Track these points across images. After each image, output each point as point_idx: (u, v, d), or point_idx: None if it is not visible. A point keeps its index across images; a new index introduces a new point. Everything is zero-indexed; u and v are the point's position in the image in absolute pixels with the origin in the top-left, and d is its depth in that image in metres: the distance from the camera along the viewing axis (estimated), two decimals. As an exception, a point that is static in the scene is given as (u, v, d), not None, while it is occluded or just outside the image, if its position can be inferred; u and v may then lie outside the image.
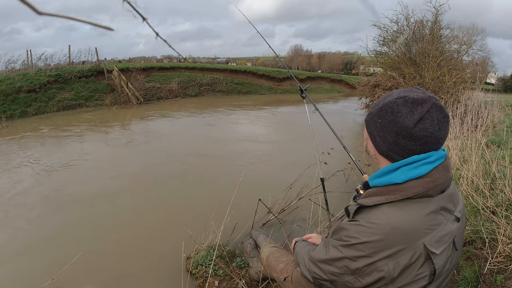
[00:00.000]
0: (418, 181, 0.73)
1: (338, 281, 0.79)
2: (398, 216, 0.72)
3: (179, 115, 9.12)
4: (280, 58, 2.57)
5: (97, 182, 3.72)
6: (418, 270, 0.73)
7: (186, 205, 3.08)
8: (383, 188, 0.77)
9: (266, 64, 45.13)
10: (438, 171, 0.74)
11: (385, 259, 0.71)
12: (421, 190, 0.72)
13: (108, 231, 2.58)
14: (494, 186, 2.27)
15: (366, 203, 0.76)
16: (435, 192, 0.74)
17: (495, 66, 27.47)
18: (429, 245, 0.72)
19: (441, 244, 0.74)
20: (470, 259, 1.68)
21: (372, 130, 0.81)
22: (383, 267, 0.72)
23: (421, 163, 0.73)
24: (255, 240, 1.92)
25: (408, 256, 0.71)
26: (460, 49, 8.10)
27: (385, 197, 0.75)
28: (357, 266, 0.74)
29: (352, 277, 0.76)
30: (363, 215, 0.77)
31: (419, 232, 0.72)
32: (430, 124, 0.71)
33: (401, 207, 0.73)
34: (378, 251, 0.71)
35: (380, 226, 0.72)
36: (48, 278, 1.79)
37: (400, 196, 0.73)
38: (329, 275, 0.80)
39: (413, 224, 0.72)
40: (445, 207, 0.77)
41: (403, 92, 0.77)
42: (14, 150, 5.19)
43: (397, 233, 0.71)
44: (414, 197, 0.73)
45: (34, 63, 11.72)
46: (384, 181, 0.77)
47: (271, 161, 4.66)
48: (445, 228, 0.76)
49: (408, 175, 0.73)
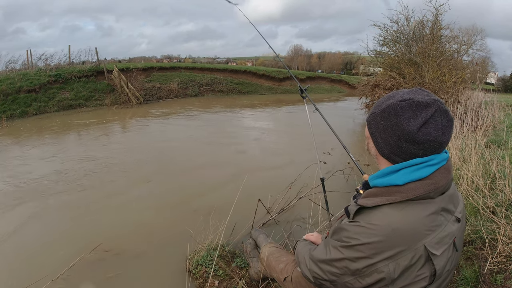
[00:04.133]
0: (419, 183, 0.73)
1: (338, 282, 0.78)
2: (399, 217, 0.72)
3: (179, 115, 9.11)
4: (280, 58, 2.57)
5: (96, 179, 3.73)
6: (419, 271, 0.73)
7: (186, 205, 3.08)
8: (384, 188, 0.76)
9: (266, 64, 45.08)
10: (440, 173, 0.74)
11: (385, 260, 0.71)
12: (422, 192, 0.72)
13: (107, 230, 2.58)
14: (494, 186, 2.27)
15: (367, 204, 0.76)
16: (436, 193, 0.74)
17: (495, 66, 27.47)
18: (429, 247, 0.72)
19: (441, 245, 0.74)
20: (470, 259, 1.68)
21: (374, 131, 0.81)
22: (383, 268, 0.71)
23: (423, 166, 0.73)
24: (255, 240, 1.91)
25: (409, 258, 0.71)
26: (460, 49, 8.11)
27: (386, 198, 0.74)
28: (357, 267, 0.74)
29: (352, 278, 0.75)
30: (364, 216, 0.76)
31: (419, 233, 0.71)
32: (434, 128, 0.70)
33: (402, 209, 0.72)
34: (379, 252, 0.71)
35: (380, 227, 0.72)
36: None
37: (400, 198, 0.73)
38: (329, 275, 0.80)
39: (413, 225, 0.71)
40: (446, 208, 0.76)
41: (407, 94, 0.75)
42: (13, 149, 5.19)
43: (398, 235, 0.70)
44: (415, 199, 0.72)
45: (34, 63, 11.74)
46: (385, 182, 0.77)
47: (271, 160, 4.66)
48: (446, 229, 0.75)
49: (410, 177, 0.73)
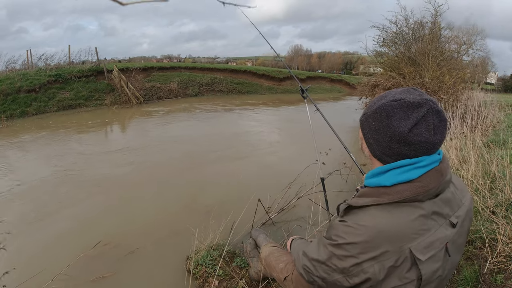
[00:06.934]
0: (407, 185, 0.72)
1: (329, 279, 0.79)
2: (386, 219, 0.71)
3: (179, 114, 9.11)
4: (280, 58, 2.57)
5: (96, 179, 3.74)
6: (406, 273, 0.72)
7: (185, 205, 3.08)
8: (373, 189, 0.77)
9: (266, 64, 45.05)
10: (430, 176, 0.73)
11: (370, 261, 0.71)
12: (409, 194, 0.71)
13: (106, 229, 2.58)
14: (494, 186, 2.27)
15: (355, 203, 0.76)
16: (426, 196, 0.73)
17: (495, 66, 27.50)
18: (415, 250, 0.70)
19: (429, 250, 0.72)
20: (470, 259, 1.68)
21: (366, 131, 0.81)
22: (369, 269, 0.72)
23: (412, 167, 0.72)
24: (255, 240, 1.92)
25: (393, 260, 0.71)
26: (460, 49, 8.12)
27: (373, 199, 0.74)
28: (345, 266, 0.74)
29: (341, 276, 0.76)
30: (352, 215, 0.77)
31: (405, 236, 0.70)
32: (425, 129, 0.69)
33: (389, 211, 0.72)
34: (364, 252, 0.71)
35: (366, 228, 0.72)
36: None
37: (387, 200, 0.72)
38: (320, 272, 0.81)
39: (399, 228, 0.71)
40: (438, 211, 0.75)
41: (399, 94, 0.74)
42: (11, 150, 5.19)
43: (383, 236, 0.70)
44: (402, 201, 0.72)
45: (34, 63, 11.73)
46: (374, 182, 0.77)
47: (271, 160, 4.67)
48: (436, 233, 0.74)
49: (397, 178, 0.73)
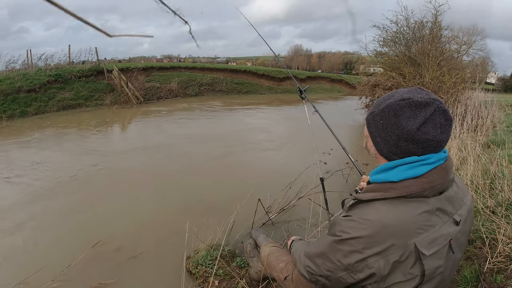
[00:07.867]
0: (413, 181, 0.73)
1: (332, 277, 0.79)
2: (391, 213, 0.72)
3: (179, 114, 9.11)
4: (280, 58, 2.57)
5: (95, 178, 3.73)
6: (410, 269, 0.73)
7: (185, 205, 3.07)
8: (380, 185, 0.78)
9: (266, 64, 45.02)
10: (436, 173, 0.74)
11: (375, 256, 0.72)
12: (416, 190, 0.73)
13: (106, 229, 2.58)
14: (494, 186, 2.27)
15: (362, 197, 0.78)
16: (431, 193, 0.74)
17: (495, 66, 27.50)
18: (419, 246, 0.72)
19: (434, 246, 0.73)
20: (470, 258, 1.68)
21: (373, 130, 0.81)
22: (374, 264, 0.72)
23: (418, 164, 0.74)
24: (255, 240, 1.92)
25: (398, 254, 0.71)
26: (460, 49, 8.11)
27: (380, 194, 0.75)
28: (349, 262, 0.75)
29: (345, 273, 0.76)
30: (357, 210, 0.78)
31: (410, 231, 0.72)
32: (432, 127, 0.71)
33: (395, 205, 0.73)
34: (368, 247, 0.72)
35: (371, 222, 0.73)
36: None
37: (394, 194, 0.74)
38: (323, 270, 0.81)
39: (404, 222, 0.72)
40: (442, 208, 0.76)
41: (406, 93, 0.76)
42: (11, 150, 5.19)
43: (388, 231, 0.71)
44: (408, 196, 0.73)
45: (34, 63, 11.71)
46: (381, 178, 0.78)
47: (271, 160, 4.66)
48: (440, 230, 0.75)
49: (405, 174, 0.74)
